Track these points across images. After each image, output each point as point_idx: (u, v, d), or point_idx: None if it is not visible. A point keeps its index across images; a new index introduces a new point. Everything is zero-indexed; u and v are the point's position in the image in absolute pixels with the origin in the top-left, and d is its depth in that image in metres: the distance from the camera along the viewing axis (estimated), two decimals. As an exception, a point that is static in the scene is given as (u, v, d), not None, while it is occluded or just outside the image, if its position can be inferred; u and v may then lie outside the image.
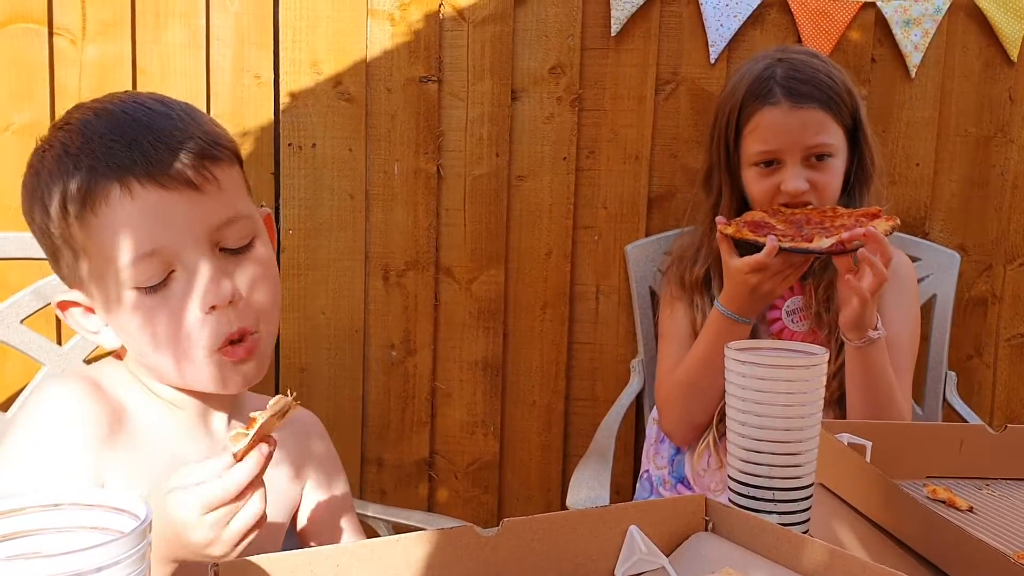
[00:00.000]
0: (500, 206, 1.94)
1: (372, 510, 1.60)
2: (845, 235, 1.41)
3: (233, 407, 1.05)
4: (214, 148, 0.96)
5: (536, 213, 1.96)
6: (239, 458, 0.80)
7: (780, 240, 1.45)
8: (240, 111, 1.89)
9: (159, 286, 0.92)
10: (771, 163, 1.59)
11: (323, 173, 1.92)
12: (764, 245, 1.45)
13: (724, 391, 1.54)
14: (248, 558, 0.75)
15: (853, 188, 1.64)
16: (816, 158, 1.58)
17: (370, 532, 1.64)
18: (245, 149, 1.91)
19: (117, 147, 0.90)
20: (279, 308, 1.02)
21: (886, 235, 1.44)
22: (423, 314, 1.97)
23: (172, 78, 1.86)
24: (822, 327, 1.61)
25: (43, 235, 0.96)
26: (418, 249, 1.95)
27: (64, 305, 0.98)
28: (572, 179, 1.94)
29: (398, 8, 1.89)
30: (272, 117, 1.90)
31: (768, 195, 1.59)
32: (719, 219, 1.53)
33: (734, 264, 1.50)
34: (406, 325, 1.97)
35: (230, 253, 0.96)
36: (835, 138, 1.59)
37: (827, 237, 1.44)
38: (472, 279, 1.97)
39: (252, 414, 0.82)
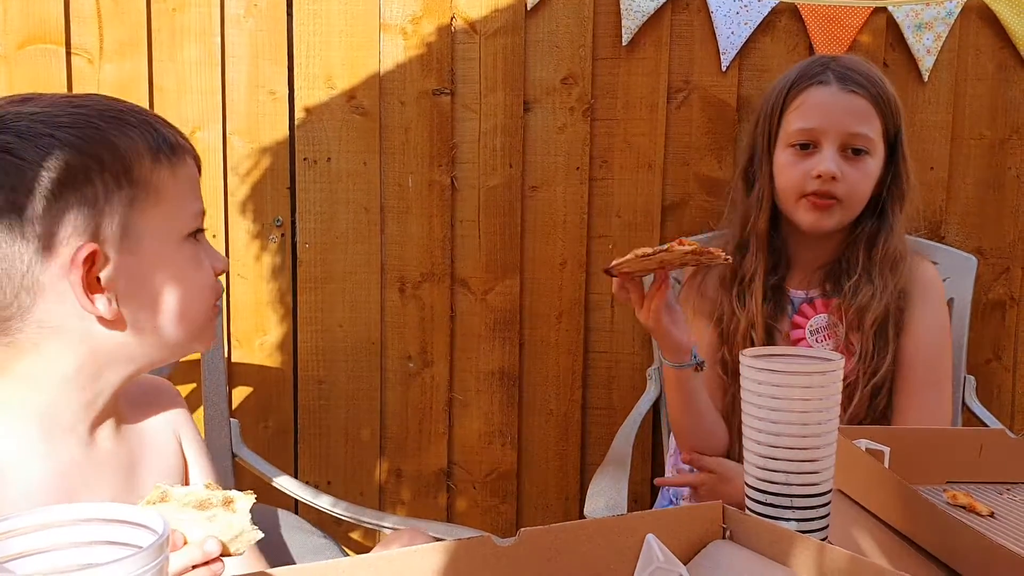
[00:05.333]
0: (514, 217, 1.95)
1: (390, 521, 1.60)
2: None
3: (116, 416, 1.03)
4: None
5: (550, 223, 1.96)
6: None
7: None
8: (256, 126, 1.91)
9: (199, 235, 1.01)
10: (807, 147, 1.55)
11: (338, 187, 1.93)
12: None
13: (710, 430, 1.53)
14: (265, 571, 0.76)
15: (885, 203, 1.59)
16: (853, 152, 1.54)
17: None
18: (261, 164, 1.92)
19: (164, 127, 0.98)
20: None
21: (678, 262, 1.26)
22: (439, 325, 1.97)
23: (188, 95, 1.88)
24: (851, 350, 1.56)
25: (90, 193, 0.91)
26: (433, 261, 1.95)
27: (89, 258, 0.91)
28: (585, 189, 1.95)
29: (410, 22, 1.90)
30: (287, 132, 1.92)
31: (798, 182, 1.54)
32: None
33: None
34: (422, 336, 1.98)
35: None
36: (875, 136, 1.55)
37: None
38: (487, 290, 1.97)
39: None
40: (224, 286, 1.06)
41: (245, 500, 0.82)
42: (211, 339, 1.05)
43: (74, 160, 0.90)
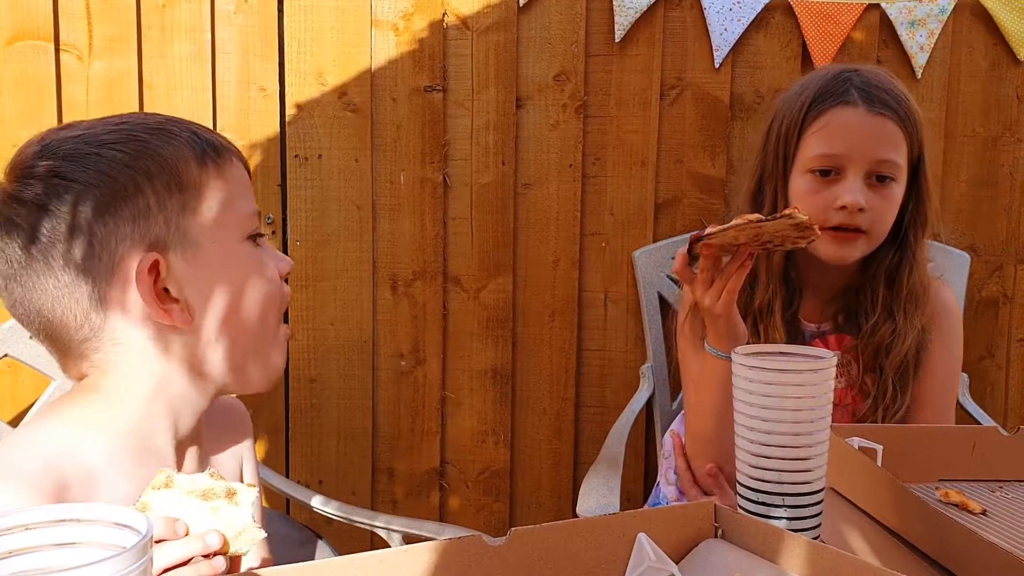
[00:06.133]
0: (507, 214, 1.94)
1: (382, 520, 1.60)
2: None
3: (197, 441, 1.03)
4: None
5: (543, 221, 1.96)
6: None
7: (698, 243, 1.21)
8: (246, 123, 1.90)
9: (258, 238, 0.99)
10: (828, 173, 1.42)
11: (329, 184, 1.92)
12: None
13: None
14: (256, 570, 0.75)
15: (907, 230, 1.47)
16: (878, 179, 1.41)
17: (381, 543, 1.64)
18: (252, 161, 1.91)
19: (207, 132, 0.98)
20: None
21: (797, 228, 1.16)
22: (432, 323, 1.97)
23: (178, 92, 1.87)
24: (865, 390, 1.47)
25: (142, 203, 0.91)
26: (425, 259, 1.95)
27: (153, 267, 0.92)
28: (578, 186, 1.94)
29: (402, 18, 1.89)
30: (278, 129, 1.91)
31: (819, 212, 1.39)
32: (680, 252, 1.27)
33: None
34: (415, 335, 1.97)
35: None
36: (902, 162, 1.43)
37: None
38: (480, 288, 1.96)
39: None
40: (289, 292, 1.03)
41: (247, 493, 0.82)
42: (281, 362, 1.02)
43: (122, 174, 0.91)
